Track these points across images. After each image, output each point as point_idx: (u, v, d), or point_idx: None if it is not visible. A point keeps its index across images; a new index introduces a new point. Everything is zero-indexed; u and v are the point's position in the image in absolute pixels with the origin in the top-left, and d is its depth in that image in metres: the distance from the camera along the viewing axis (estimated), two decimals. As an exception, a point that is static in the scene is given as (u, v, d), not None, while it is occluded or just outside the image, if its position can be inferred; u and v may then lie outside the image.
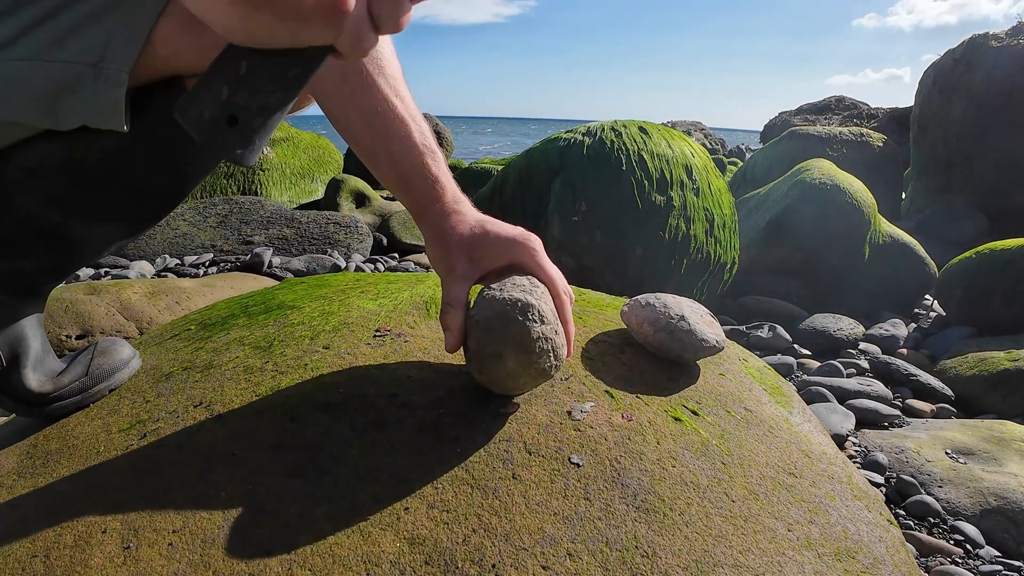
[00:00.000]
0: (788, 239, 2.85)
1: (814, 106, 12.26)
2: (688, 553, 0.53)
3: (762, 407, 0.75)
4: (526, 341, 0.59)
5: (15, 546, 0.53)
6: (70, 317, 1.85)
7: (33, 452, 0.65)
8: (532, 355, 0.60)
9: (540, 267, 0.65)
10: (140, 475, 0.59)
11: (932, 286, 2.91)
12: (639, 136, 2.39)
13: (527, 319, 0.59)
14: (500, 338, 0.59)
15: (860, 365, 2.16)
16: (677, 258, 2.31)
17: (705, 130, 14.78)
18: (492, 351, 0.60)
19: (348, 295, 0.92)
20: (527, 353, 0.60)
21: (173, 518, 0.54)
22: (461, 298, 0.63)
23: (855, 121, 10.19)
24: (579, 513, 0.54)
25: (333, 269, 2.87)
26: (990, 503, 1.30)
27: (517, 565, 0.50)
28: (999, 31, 4.70)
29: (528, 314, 0.59)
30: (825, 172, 2.96)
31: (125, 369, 0.76)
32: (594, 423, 0.64)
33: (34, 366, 0.68)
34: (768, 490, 0.61)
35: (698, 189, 2.35)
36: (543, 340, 0.60)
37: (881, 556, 0.59)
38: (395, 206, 4.29)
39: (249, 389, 0.69)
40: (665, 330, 0.74)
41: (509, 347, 0.59)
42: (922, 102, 5.02)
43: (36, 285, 0.69)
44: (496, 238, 0.65)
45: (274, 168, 4.86)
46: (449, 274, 0.64)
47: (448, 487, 0.56)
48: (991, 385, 1.96)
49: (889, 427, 1.71)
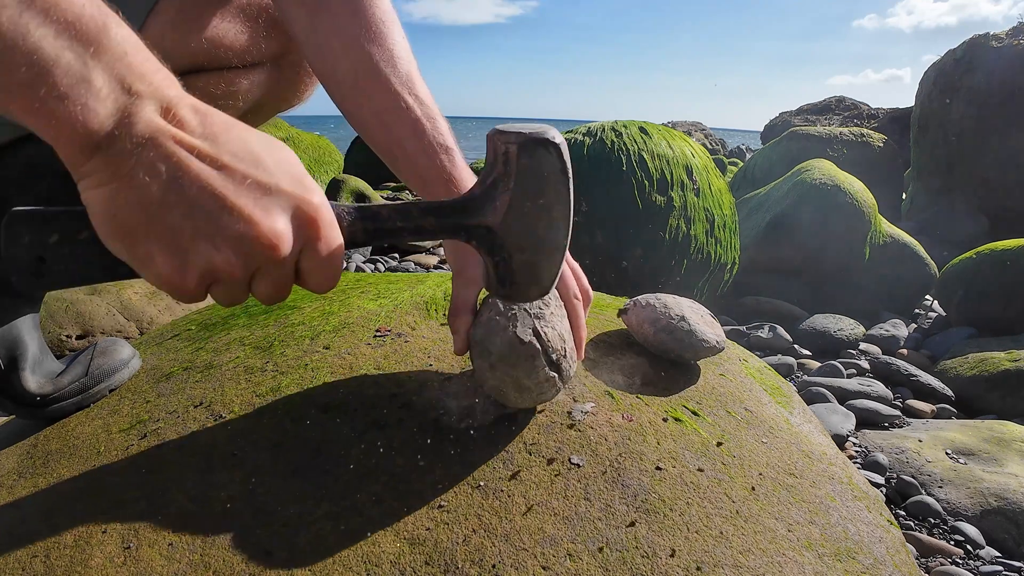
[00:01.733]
0: (788, 239, 2.85)
1: (815, 106, 12.26)
2: (688, 553, 0.53)
3: (762, 407, 0.75)
4: (526, 383, 0.59)
5: (15, 546, 0.53)
6: (70, 317, 1.85)
7: (33, 452, 0.65)
8: (532, 392, 0.60)
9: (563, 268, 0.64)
10: (140, 475, 0.59)
11: (932, 286, 2.91)
12: (639, 136, 2.39)
13: (530, 361, 0.58)
14: (501, 376, 0.59)
15: (860, 365, 2.16)
16: (677, 258, 2.31)
17: (705, 130, 14.78)
18: (493, 384, 0.61)
19: (348, 295, 0.92)
20: (527, 391, 0.60)
21: (173, 518, 0.54)
22: (470, 302, 0.62)
23: (856, 121, 10.18)
24: (579, 513, 0.54)
25: (333, 269, 2.87)
26: (990, 503, 1.30)
27: (517, 565, 0.50)
28: (1000, 32, 4.70)
29: (532, 357, 0.58)
30: (825, 172, 2.96)
31: (125, 369, 0.76)
32: (594, 423, 0.64)
33: (33, 368, 0.68)
34: (768, 490, 0.61)
35: (698, 189, 2.35)
36: (547, 381, 0.60)
37: (881, 557, 0.59)
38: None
39: (249, 389, 0.69)
40: (665, 330, 0.74)
41: (510, 387, 0.60)
42: (922, 102, 5.02)
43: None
44: None
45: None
46: (460, 275, 0.63)
47: (448, 487, 0.56)
48: (991, 385, 1.96)
49: (889, 427, 1.71)
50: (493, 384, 0.61)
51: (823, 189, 2.87)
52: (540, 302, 0.61)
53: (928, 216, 4.49)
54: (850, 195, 2.86)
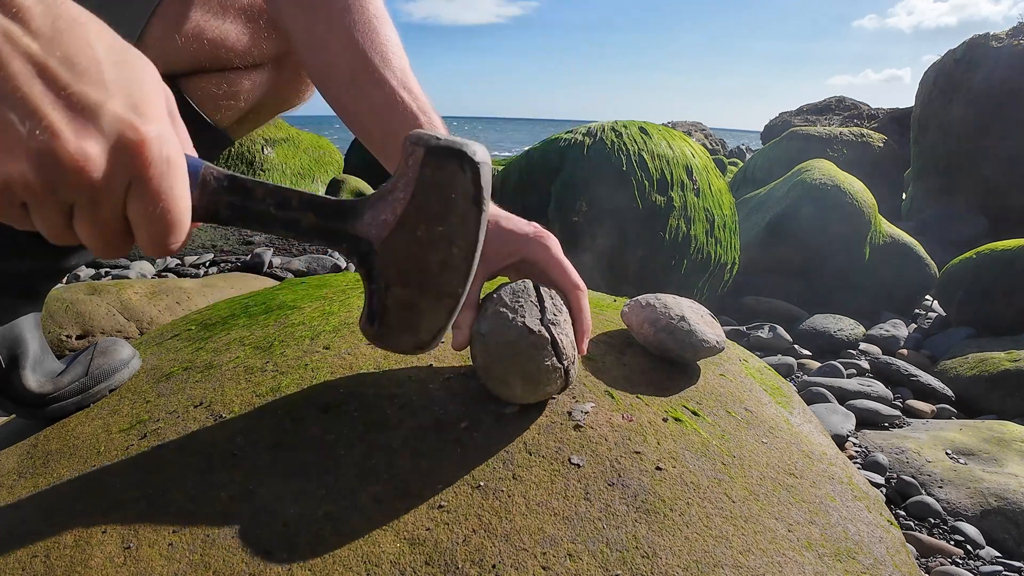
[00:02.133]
0: (788, 239, 2.85)
1: (815, 106, 12.26)
2: (688, 553, 0.53)
3: (762, 408, 0.75)
4: (534, 373, 0.59)
5: (15, 546, 0.53)
6: (71, 317, 1.85)
7: (33, 452, 0.65)
8: (540, 384, 0.60)
9: (555, 262, 0.64)
10: (140, 475, 0.59)
11: (932, 286, 2.91)
12: (639, 137, 2.39)
13: (539, 351, 0.58)
14: (508, 367, 0.59)
15: (860, 366, 2.16)
16: (677, 258, 2.31)
17: (705, 130, 14.78)
18: (498, 376, 0.60)
19: (349, 295, 0.92)
20: (535, 383, 0.60)
21: (173, 518, 0.54)
22: (473, 296, 0.62)
23: (856, 122, 10.18)
24: (579, 513, 0.54)
25: (334, 269, 2.87)
26: (990, 504, 1.30)
27: (517, 565, 0.50)
28: (1000, 32, 4.70)
29: (541, 347, 0.58)
30: (826, 172, 2.96)
31: (125, 369, 0.76)
32: (594, 423, 0.64)
33: (33, 367, 0.68)
34: (768, 491, 0.61)
35: (699, 189, 2.35)
36: (554, 371, 0.60)
37: (881, 557, 0.59)
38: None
39: (249, 389, 0.69)
40: (665, 330, 0.74)
41: (517, 377, 0.59)
42: (923, 102, 5.02)
43: (33, 285, 0.68)
44: (510, 235, 0.64)
45: (274, 168, 4.86)
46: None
47: (448, 487, 0.56)
48: (991, 385, 1.96)
49: (889, 428, 1.71)
50: (498, 376, 0.60)
51: (823, 189, 2.87)
52: (554, 307, 0.60)
53: (928, 216, 4.49)
54: (850, 195, 2.86)
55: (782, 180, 3.21)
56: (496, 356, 0.59)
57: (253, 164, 4.75)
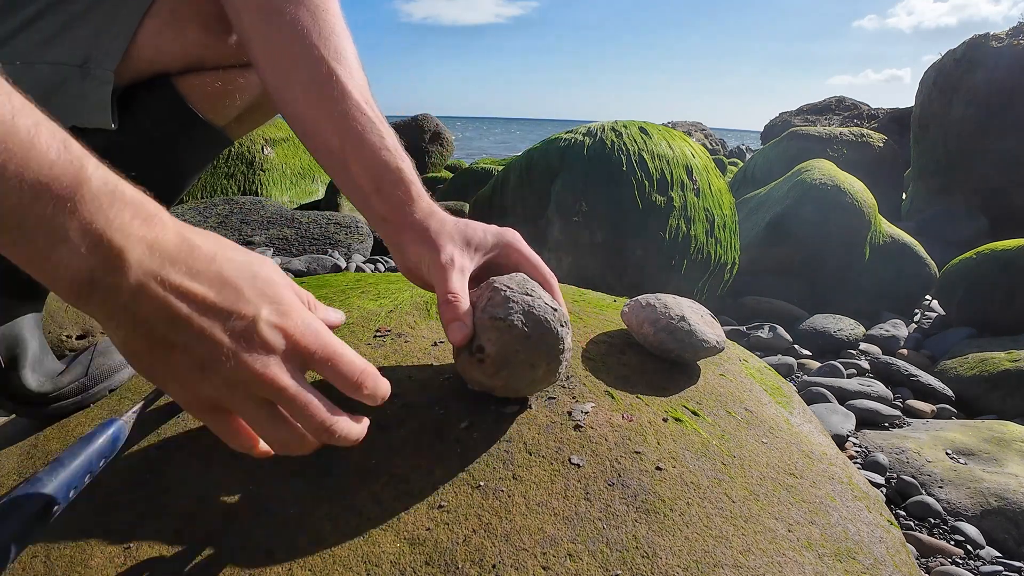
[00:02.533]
0: (788, 239, 2.85)
1: (815, 106, 12.26)
2: (688, 553, 0.53)
3: (762, 408, 0.75)
4: (558, 351, 0.60)
5: (15, 546, 0.53)
6: (71, 317, 1.85)
7: (33, 452, 0.65)
8: (559, 364, 0.61)
9: (528, 253, 0.67)
10: (140, 475, 0.59)
11: (932, 286, 2.91)
12: (639, 136, 2.39)
13: (564, 327, 0.60)
14: (536, 346, 0.59)
15: (860, 366, 2.16)
16: (677, 258, 2.31)
17: (705, 130, 14.77)
18: (524, 359, 0.59)
19: (348, 295, 0.92)
20: (556, 362, 0.61)
21: (173, 518, 0.54)
22: (466, 288, 0.61)
23: (856, 121, 10.18)
24: (579, 513, 0.54)
25: (334, 269, 2.87)
26: (991, 504, 1.30)
27: (517, 565, 0.50)
28: (1000, 32, 4.70)
29: (564, 323, 0.60)
30: (825, 172, 2.96)
31: (125, 369, 0.76)
32: (594, 423, 0.64)
33: (33, 366, 0.68)
34: (768, 491, 0.61)
35: (698, 189, 2.35)
36: (567, 350, 0.61)
37: (881, 557, 0.59)
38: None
39: (249, 389, 0.69)
40: (665, 330, 0.74)
41: (543, 357, 0.60)
42: (922, 102, 5.02)
43: (33, 285, 0.68)
44: (484, 228, 0.64)
45: (274, 168, 4.86)
46: (446, 267, 0.60)
47: (448, 487, 0.56)
48: (992, 385, 1.96)
49: (889, 427, 1.71)
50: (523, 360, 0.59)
51: (823, 189, 2.87)
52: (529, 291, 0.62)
53: (928, 216, 4.49)
54: (850, 195, 2.86)
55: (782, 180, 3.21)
56: (522, 338, 0.58)
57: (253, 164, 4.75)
